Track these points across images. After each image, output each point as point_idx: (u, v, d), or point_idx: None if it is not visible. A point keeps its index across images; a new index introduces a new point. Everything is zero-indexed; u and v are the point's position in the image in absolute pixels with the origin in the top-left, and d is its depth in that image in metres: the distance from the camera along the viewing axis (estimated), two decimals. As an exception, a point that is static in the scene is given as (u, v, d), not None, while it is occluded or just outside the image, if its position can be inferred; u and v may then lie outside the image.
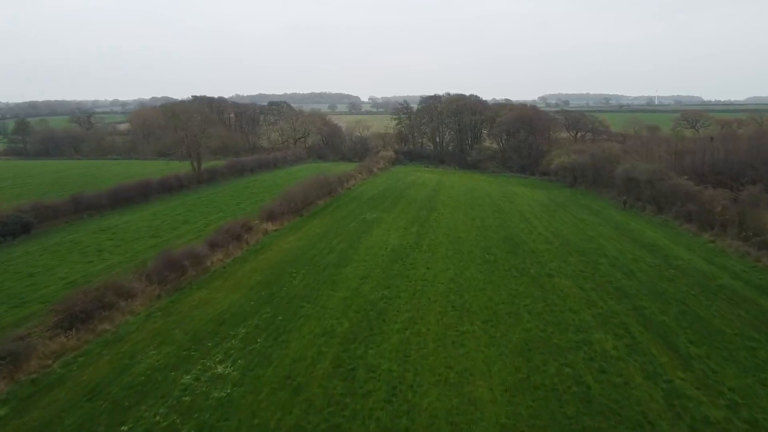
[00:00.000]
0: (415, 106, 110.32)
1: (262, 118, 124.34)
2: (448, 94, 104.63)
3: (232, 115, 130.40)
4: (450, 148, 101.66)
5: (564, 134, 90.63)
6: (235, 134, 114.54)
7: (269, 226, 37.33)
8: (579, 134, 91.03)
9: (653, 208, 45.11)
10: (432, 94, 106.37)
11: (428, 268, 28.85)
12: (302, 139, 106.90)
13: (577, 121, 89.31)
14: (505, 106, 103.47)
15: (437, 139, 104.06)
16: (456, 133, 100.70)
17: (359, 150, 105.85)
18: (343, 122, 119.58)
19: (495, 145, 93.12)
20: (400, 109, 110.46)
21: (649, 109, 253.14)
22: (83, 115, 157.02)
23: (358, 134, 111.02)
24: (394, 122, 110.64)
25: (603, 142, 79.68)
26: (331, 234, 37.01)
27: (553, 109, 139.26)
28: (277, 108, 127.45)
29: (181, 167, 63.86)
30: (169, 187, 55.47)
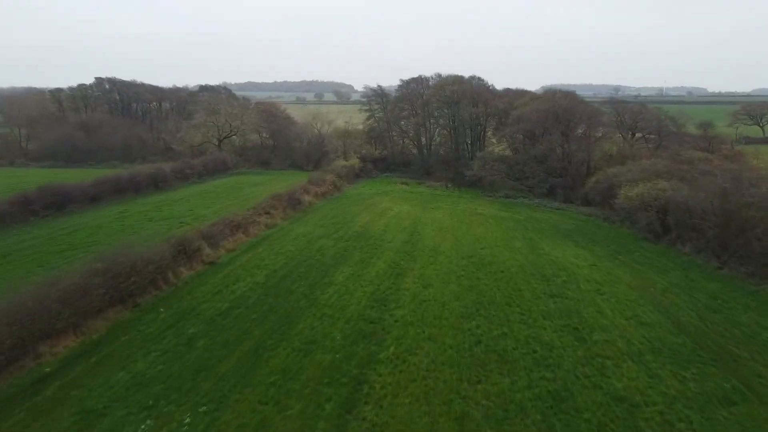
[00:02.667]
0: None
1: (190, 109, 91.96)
2: (439, 75, 72.75)
3: (153, 105, 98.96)
4: (441, 152, 70.63)
5: (615, 135, 59.53)
6: (144, 132, 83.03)
7: None
8: (635, 136, 59.92)
9: None
10: (416, 75, 74.43)
11: None
12: (231, 138, 75.47)
13: (635, 115, 57.80)
14: (524, 93, 71.27)
15: (423, 140, 72.89)
16: (450, 131, 69.49)
17: (314, 155, 75.10)
18: (311, 116, 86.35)
19: (508, 152, 61.88)
20: (373, 97, 78.73)
21: (661, 100, 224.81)
22: None
23: (317, 131, 79.73)
24: (364, 115, 79.32)
25: (688, 153, 48.75)
26: None
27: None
28: (213, 96, 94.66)
29: None
30: None
